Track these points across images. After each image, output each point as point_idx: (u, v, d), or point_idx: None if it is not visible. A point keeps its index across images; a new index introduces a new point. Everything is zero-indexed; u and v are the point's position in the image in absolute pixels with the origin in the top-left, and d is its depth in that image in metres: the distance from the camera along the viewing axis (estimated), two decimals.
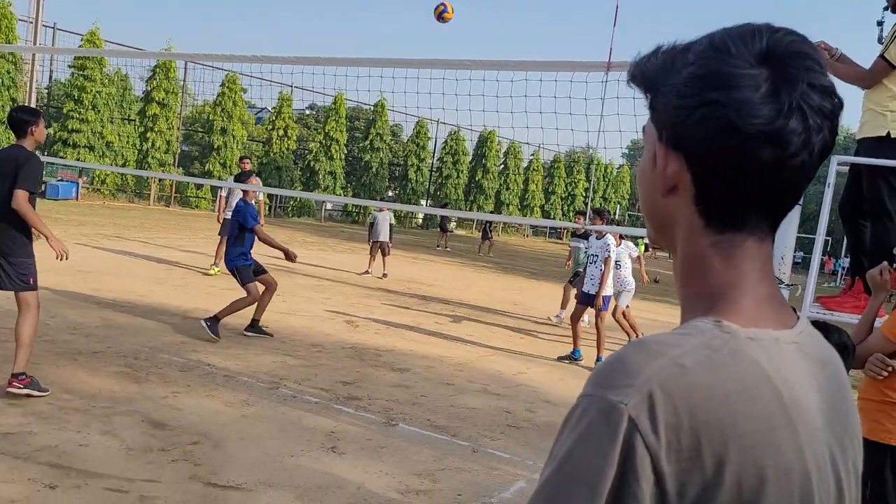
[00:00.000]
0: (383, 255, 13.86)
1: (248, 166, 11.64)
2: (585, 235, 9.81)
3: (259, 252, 7.90)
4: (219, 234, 11.90)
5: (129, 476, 3.78)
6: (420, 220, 38.86)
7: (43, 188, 24.30)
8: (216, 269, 11.67)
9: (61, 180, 24.62)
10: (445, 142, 38.68)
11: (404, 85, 7.36)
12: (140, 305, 8.13)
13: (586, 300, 8.13)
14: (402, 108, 35.01)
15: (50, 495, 3.47)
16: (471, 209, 38.84)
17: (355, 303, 10.47)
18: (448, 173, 38.08)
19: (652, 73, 0.78)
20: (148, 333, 6.95)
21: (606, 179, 48.73)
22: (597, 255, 8.08)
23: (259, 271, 7.56)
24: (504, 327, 10.00)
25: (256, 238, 7.53)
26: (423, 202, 38.57)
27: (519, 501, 4.16)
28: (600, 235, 8.17)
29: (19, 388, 4.75)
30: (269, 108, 33.80)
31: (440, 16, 5.02)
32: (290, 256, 7.62)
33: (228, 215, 11.68)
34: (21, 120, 4.94)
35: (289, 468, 4.15)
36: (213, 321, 7.03)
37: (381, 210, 14.25)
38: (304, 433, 4.76)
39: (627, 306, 9.05)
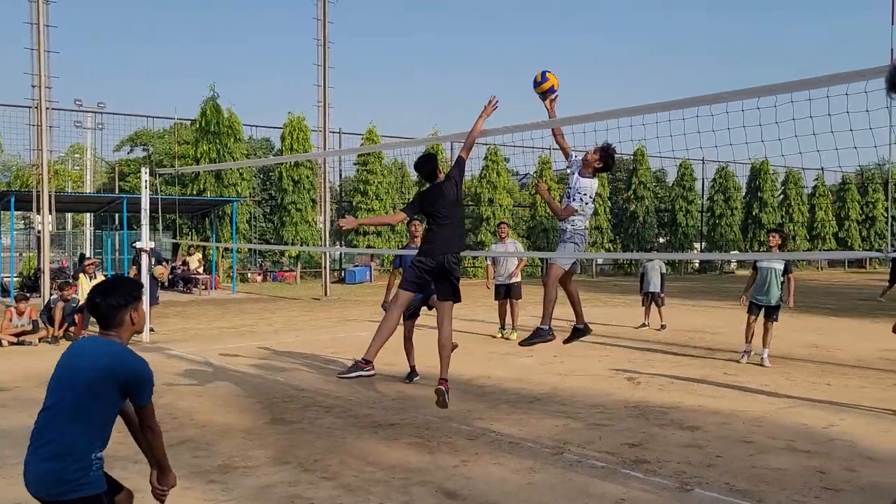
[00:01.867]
0: (657, 306, 13.31)
1: (505, 231, 12.30)
2: None
3: None
4: (495, 300, 12.34)
5: None
6: (696, 265, 36.97)
7: (343, 274, 27.28)
8: (504, 332, 12.09)
9: (357, 266, 27.47)
10: (713, 180, 36.73)
11: (658, 130, 7.11)
12: (429, 376, 8.58)
13: None
14: (663, 153, 34.12)
15: None
16: (750, 247, 36.16)
17: (635, 358, 10.12)
18: (720, 212, 35.98)
19: None
20: None
21: None
22: None
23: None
24: (804, 373, 8.99)
25: None
26: (696, 245, 36.73)
27: None
28: None
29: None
30: (531, 174, 34.82)
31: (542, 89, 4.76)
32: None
33: (499, 280, 12.14)
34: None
35: None
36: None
37: (649, 259, 13.79)
38: (592, 501, 4.61)
39: None
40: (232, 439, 6.00)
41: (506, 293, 12.10)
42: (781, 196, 38.46)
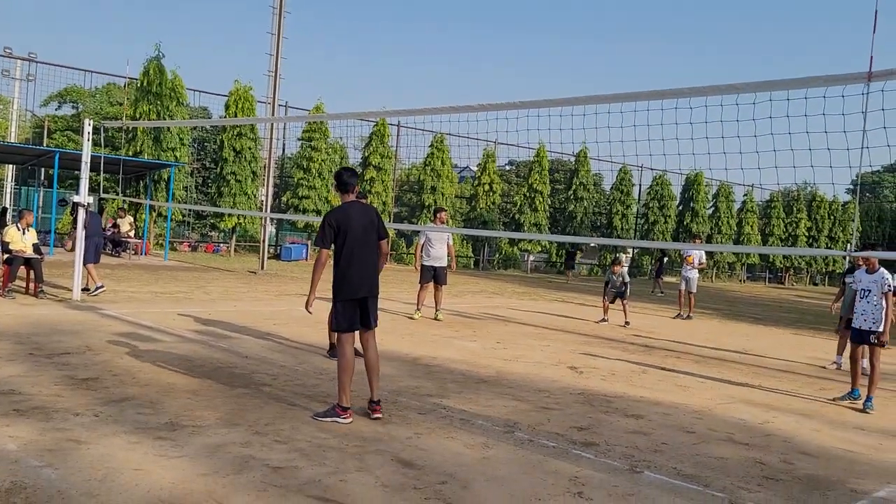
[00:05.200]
0: (622, 300, 13.79)
1: (445, 218, 12.36)
2: (851, 270, 9.65)
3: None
4: (421, 283, 12.30)
5: None
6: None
7: (279, 250, 26.80)
8: (419, 314, 12.14)
9: (293, 243, 27.03)
10: (650, 187, 37.60)
11: (608, 134, 7.52)
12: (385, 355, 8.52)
13: (860, 338, 7.81)
14: (604, 157, 34.78)
15: None
16: (679, 256, 37.20)
17: (576, 349, 10.29)
18: (654, 219, 36.88)
19: None
20: (386, 379, 7.23)
21: (832, 217, 44.67)
22: (869, 290, 7.74)
23: None
24: (738, 374, 9.31)
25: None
26: (629, 251, 37.58)
27: None
28: (872, 269, 7.85)
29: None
30: (472, 167, 34.99)
31: None
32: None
33: (427, 262, 12.14)
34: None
35: None
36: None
37: (618, 264, 14.08)
38: (547, 476, 4.66)
39: None
40: (177, 399, 5.82)
41: (433, 277, 12.19)
42: (712, 209, 39.67)
